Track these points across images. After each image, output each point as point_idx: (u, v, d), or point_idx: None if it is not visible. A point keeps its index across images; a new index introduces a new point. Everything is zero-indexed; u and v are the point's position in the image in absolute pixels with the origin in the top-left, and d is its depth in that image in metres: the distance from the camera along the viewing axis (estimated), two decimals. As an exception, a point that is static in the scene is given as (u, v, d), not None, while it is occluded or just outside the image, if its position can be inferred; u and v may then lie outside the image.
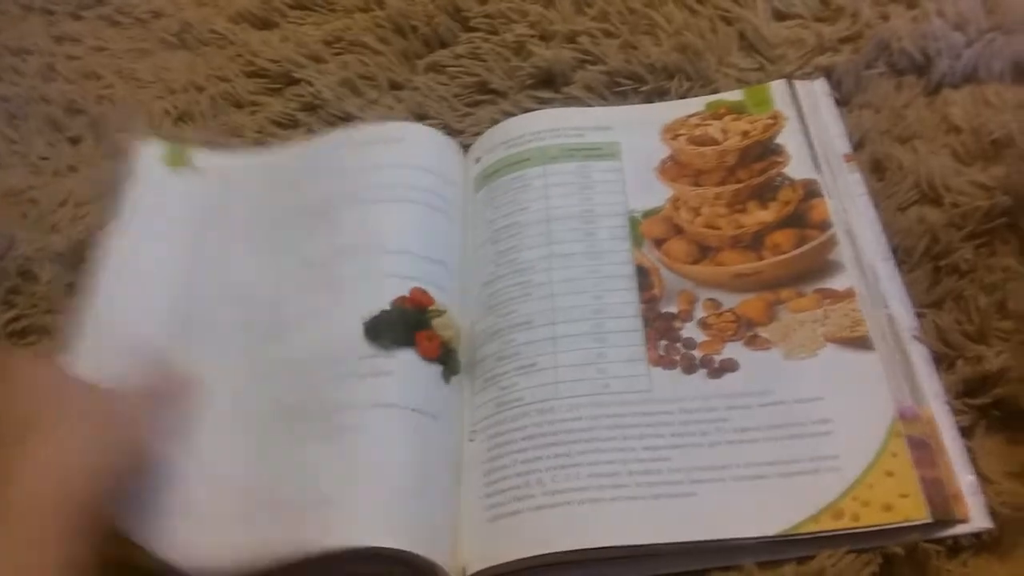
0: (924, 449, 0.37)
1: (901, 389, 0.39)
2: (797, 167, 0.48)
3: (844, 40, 0.54)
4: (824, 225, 0.45)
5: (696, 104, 0.52)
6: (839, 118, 0.50)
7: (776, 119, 0.50)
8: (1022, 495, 0.36)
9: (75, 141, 0.62)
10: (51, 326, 0.51)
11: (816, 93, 0.51)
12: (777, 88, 0.52)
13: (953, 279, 0.42)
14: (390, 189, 0.50)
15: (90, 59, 0.67)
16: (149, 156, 0.55)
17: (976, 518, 0.36)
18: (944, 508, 0.35)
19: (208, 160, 0.55)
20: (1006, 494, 0.36)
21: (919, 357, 0.40)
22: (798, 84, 0.52)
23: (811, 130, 0.49)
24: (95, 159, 0.60)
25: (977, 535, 0.35)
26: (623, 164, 0.50)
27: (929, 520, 0.35)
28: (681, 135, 0.50)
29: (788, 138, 0.49)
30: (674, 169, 0.49)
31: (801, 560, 0.36)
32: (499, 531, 0.38)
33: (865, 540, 0.35)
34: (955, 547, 0.35)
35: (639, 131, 0.51)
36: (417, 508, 0.38)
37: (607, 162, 0.50)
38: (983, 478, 0.37)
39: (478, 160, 0.53)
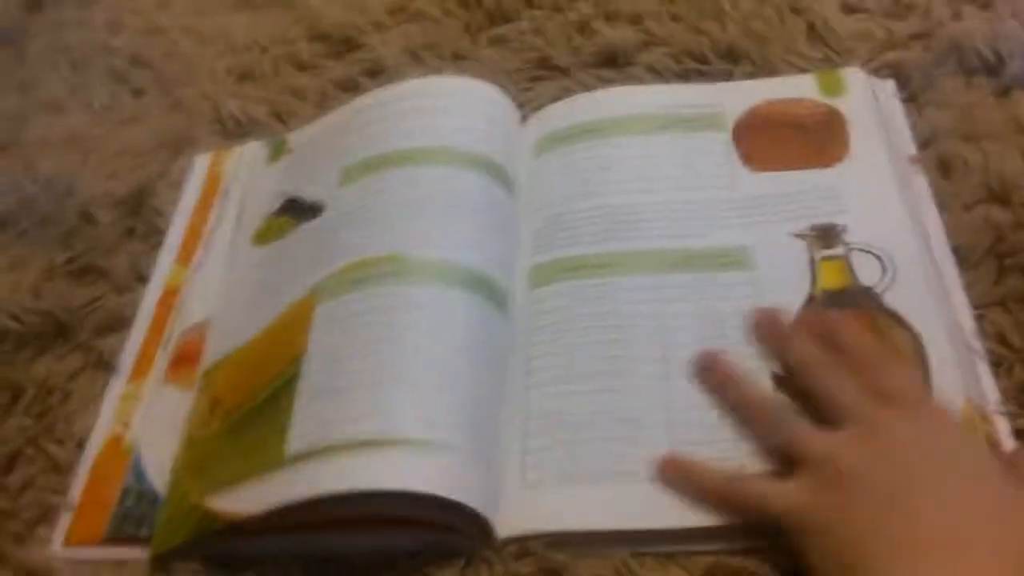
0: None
1: (970, 387, 0.39)
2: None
3: (914, 37, 0.53)
4: None
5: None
6: (906, 120, 0.49)
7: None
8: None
9: (138, 93, 0.62)
10: (108, 268, 0.51)
11: (886, 93, 0.51)
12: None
13: (1017, 278, 0.42)
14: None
15: (154, 15, 0.68)
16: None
17: None
18: None
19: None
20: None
21: (980, 360, 0.40)
22: (869, 77, 0.51)
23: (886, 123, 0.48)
24: (157, 111, 0.61)
25: None
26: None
27: None
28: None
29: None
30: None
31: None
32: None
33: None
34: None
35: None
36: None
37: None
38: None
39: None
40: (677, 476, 0.37)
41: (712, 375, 0.40)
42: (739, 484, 0.36)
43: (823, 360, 0.38)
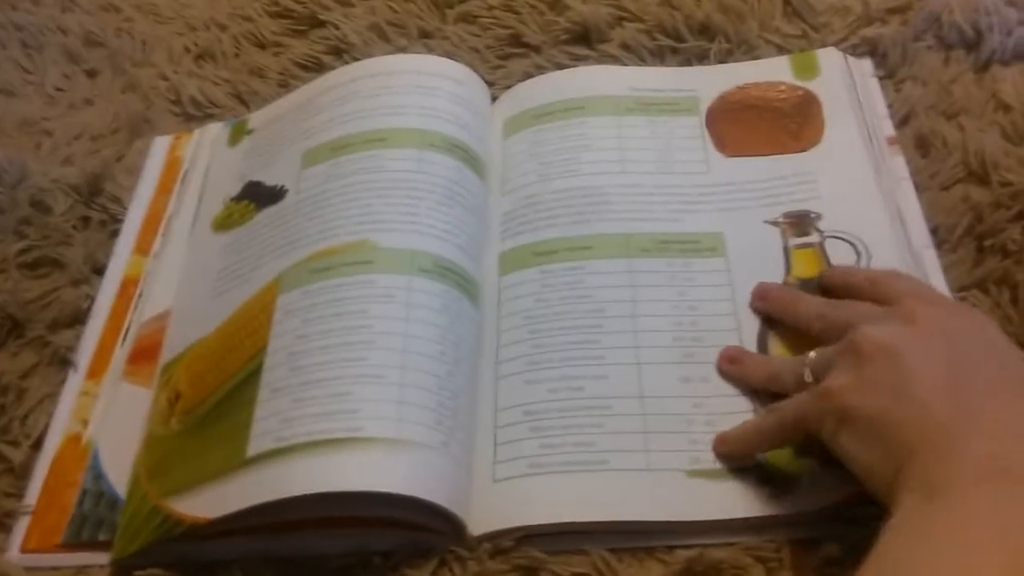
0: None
1: None
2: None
3: (892, 11, 0.52)
4: None
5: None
6: (883, 101, 0.48)
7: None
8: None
9: (92, 74, 0.60)
10: (63, 259, 0.49)
11: (862, 72, 0.50)
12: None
13: (997, 259, 0.41)
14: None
15: (109, -10, 0.65)
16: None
17: None
18: None
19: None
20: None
21: None
22: (844, 56, 0.50)
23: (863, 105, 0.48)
24: (112, 93, 0.58)
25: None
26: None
27: None
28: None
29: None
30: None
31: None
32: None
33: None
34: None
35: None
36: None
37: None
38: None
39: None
40: (731, 369, 0.38)
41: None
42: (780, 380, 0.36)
43: (838, 302, 0.37)
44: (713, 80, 0.50)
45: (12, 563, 0.39)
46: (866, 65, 0.50)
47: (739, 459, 0.36)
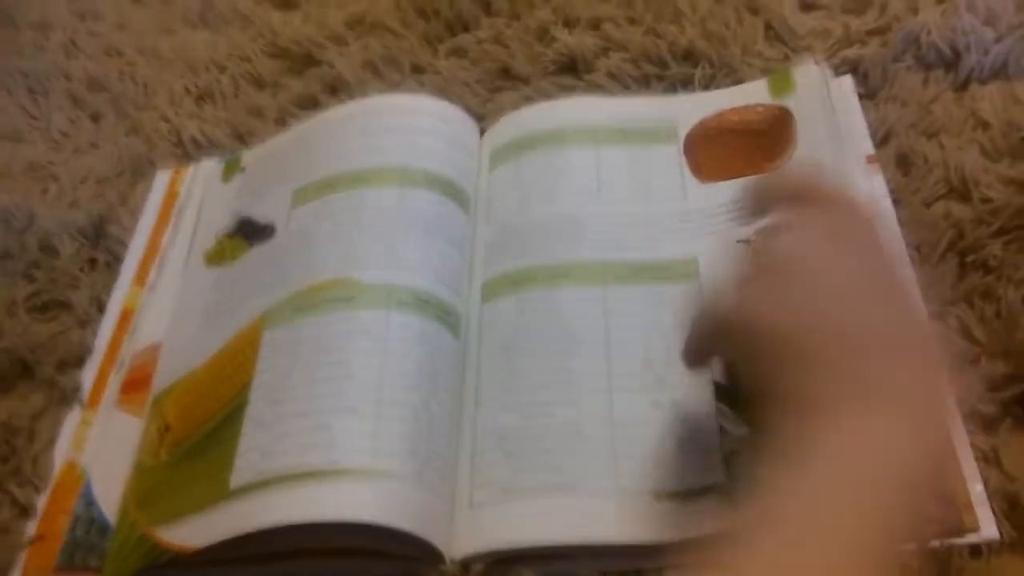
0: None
1: None
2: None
3: (872, 32, 0.53)
4: None
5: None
6: (863, 117, 0.49)
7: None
8: (1045, 493, 0.36)
9: (96, 118, 0.62)
10: (72, 301, 0.51)
11: (842, 90, 0.51)
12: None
13: (979, 275, 0.42)
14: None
15: (112, 36, 0.67)
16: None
17: (985, 528, 0.35)
18: (953, 522, 0.35)
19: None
20: (1029, 492, 0.36)
21: None
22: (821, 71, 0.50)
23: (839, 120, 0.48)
24: (116, 136, 0.60)
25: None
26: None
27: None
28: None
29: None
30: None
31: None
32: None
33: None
34: (976, 546, 0.35)
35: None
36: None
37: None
38: (1007, 476, 0.36)
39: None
40: None
41: None
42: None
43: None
44: (691, 108, 0.51)
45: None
46: (847, 82, 0.51)
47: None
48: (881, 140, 0.49)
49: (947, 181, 0.46)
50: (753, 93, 0.51)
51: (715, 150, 0.49)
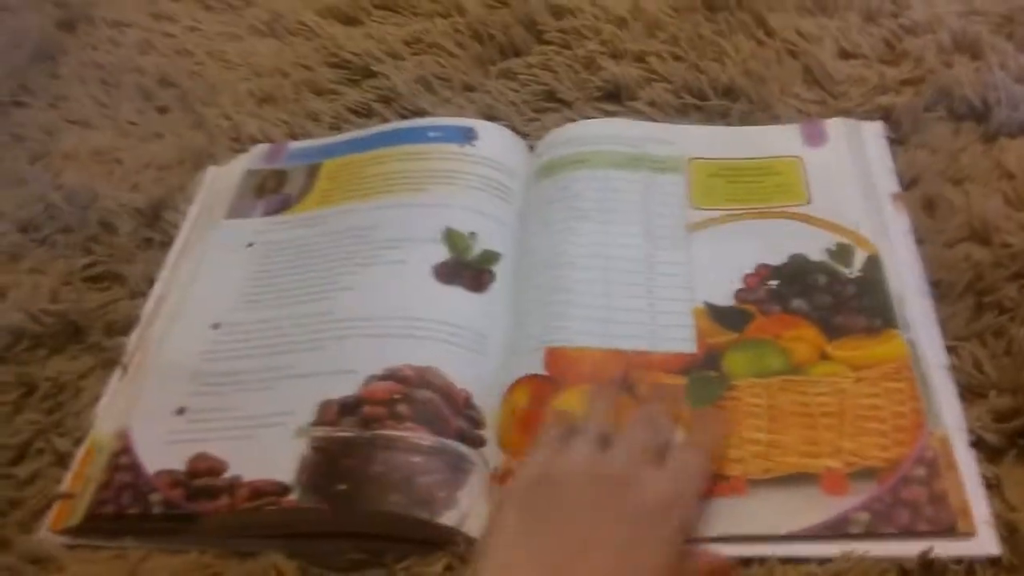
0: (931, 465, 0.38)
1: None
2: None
3: (906, 82, 0.55)
4: None
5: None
6: (890, 158, 0.51)
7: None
8: (1045, 524, 0.37)
9: (163, 111, 0.65)
10: (125, 275, 0.54)
11: (871, 133, 0.53)
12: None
13: (994, 314, 0.43)
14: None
15: (184, 38, 0.71)
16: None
17: (986, 542, 0.36)
18: (945, 519, 0.36)
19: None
20: (1029, 523, 0.37)
21: (941, 385, 0.41)
22: (858, 123, 0.53)
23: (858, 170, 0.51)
24: (180, 129, 0.63)
25: (996, 560, 0.36)
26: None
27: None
28: None
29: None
30: None
31: (822, 562, 0.37)
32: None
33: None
34: (971, 565, 0.36)
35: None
36: None
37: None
38: (1008, 506, 0.37)
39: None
40: None
41: None
42: None
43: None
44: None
45: (53, 540, 0.42)
46: (877, 126, 0.53)
47: None
48: (909, 183, 0.50)
49: (969, 225, 0.47)
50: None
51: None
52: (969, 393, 0.41)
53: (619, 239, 0.49)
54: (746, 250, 0.47)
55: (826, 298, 0.44)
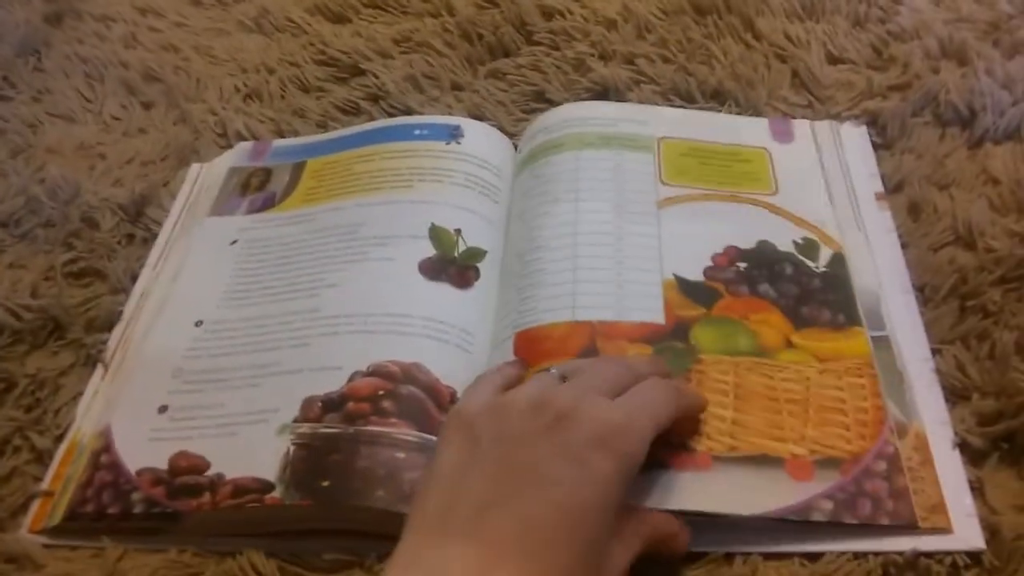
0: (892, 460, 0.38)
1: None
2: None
3: (893, 88, 0.56)
4: None
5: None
6: (873, 159, 0.52)
7: None
8: (1026, 527, 0.37)
9: (147, 106, 0.65)
10: (107, 271, 0.53)
11: (852, 135, 0.53)
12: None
13: (978, 318, 0.44)
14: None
15: (170, 33, 0.70)
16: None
17: (968, 536, 0.37)
18: (906, 513, 0.37)
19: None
20: (1012, 526, 0.37)
21: (921, 380, 0.42)
22: (837, 125, 0.54)
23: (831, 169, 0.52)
24: (165, 124, 0.63)
25: (979, 560, 0.36)
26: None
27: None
28: None
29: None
30: None
31: (805, 563, 0.37)
32: None
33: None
34: (954, 565, 0.36)
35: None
36: None
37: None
38: (990, 509, 0.38)
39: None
40: None
41: None
42: None
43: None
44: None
45: (33, 540, 0.41)
46: (861, 130, 0.54)
47: None
48: (895, 187, 0.51)
49: (954, 230, 0.48)
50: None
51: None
52: (953, 396, 0.41)
53: (588, 215, 0.49)
54: (715, 230, 0.47)
55: (793, 287, 0.45)
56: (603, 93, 0.59)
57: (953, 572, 0.36)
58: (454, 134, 0.55)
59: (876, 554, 0.36)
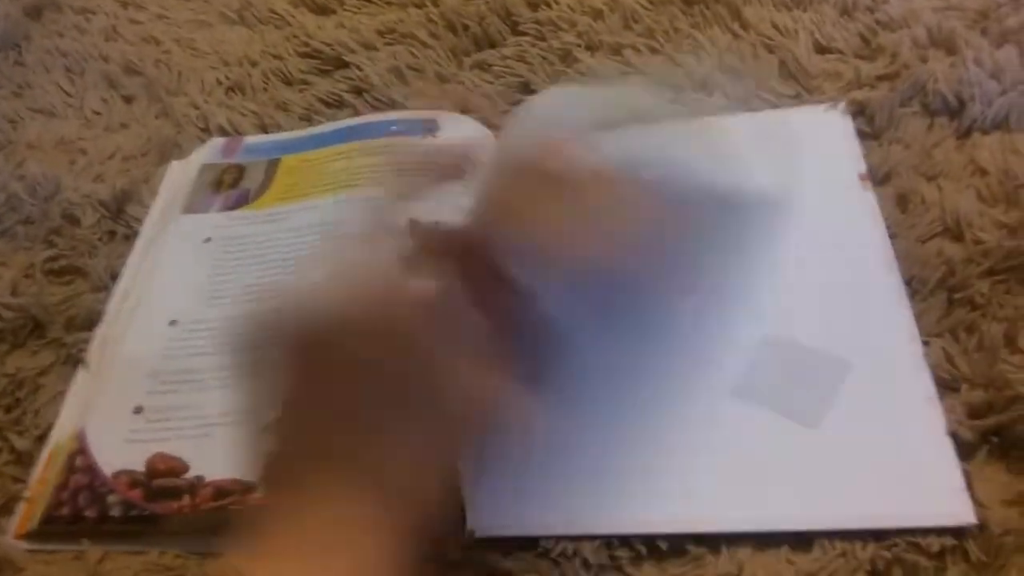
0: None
1: None
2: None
3: (881, 77, 0.55)
4: None
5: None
6: (856, 142, 0.51)
7: None
8: (1015, 521, 0.37)
9: (129, 100, 0.64)
10: (88, 268, 0.52)
11: (833, 121, 0.53)
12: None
13: (966, 310, 0.43)
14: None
15: (152, 25, 0.70)
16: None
17: (959, 512, 0.37)
18: None
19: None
20: (1000, 521, 0.37)
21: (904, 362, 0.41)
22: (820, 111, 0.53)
23: None
24: (146, 118, 0.62)
25: (966, 552, 0.36)
26: None
27: None
28: None
29: None
30: None
31: (791, 560, 0.36)
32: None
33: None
34: (941, 555, 0.36)
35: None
36: None
37: None
38: (978, 503, 0.37)
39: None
40: None
41: None
42: None
43: None
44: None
45: (15, 545, 0.41)
46: (839, 115, 0.53)
47: None
48: (883, 178, 0.50)
49: (943, 221, 0.47)
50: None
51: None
52: (941, 388, 0.41)
53: None
54: None
55: None
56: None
57: (940, 567, 0.36)
58: (430, 128, 0.54)
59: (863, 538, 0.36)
